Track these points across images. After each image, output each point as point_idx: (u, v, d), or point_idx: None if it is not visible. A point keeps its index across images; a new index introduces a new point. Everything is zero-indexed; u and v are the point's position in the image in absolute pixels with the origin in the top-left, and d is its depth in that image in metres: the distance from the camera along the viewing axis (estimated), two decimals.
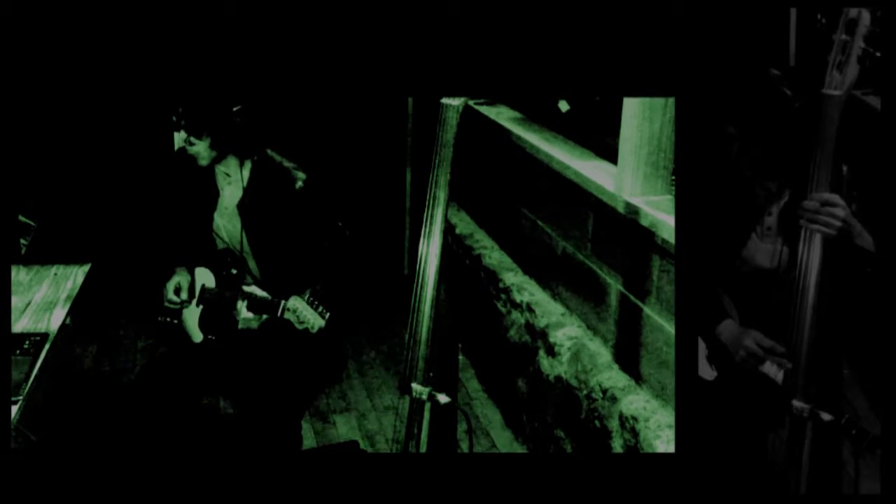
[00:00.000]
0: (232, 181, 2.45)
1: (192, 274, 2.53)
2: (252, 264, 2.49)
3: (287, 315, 2.32)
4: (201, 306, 2.50)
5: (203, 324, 2.50)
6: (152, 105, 3.72)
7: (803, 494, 1.59)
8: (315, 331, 2.30)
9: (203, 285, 2.51)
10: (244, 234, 2.44)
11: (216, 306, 2.48)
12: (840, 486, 1.66)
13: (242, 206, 2.43)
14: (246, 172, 2.44)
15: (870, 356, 1.68)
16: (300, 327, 2.32)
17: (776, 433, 1.67)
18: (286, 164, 2.49)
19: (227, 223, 2.47)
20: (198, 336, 2.51)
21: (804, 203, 1.55)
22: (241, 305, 2.40)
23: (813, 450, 1.58)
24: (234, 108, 2.36)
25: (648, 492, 1.60)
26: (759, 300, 1.77)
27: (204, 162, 2.37)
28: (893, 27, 1.48)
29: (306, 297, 2.31)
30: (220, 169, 2.45)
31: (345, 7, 1.71)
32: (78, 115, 3.65)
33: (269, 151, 2.49)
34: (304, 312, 2.30)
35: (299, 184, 2.45)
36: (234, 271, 2.49)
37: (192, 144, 2.34)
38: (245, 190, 2.43)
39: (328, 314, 2.29)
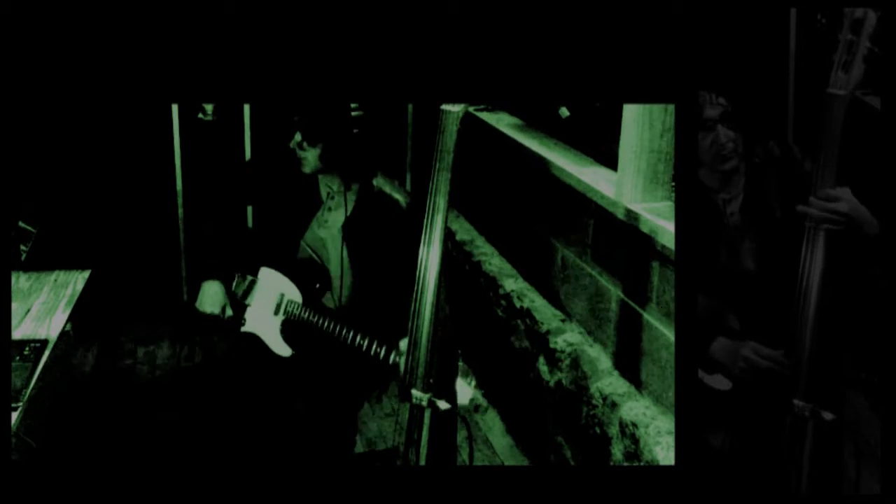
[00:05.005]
0: (335, 201, 2.41)
1: (229, 280, 2.45)
2: (338, 284, 2.42)
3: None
4: (283, 317, 2.39)
5: (288, 338, 2.39)
6: (153, 109, 3.74)
7: (803, 494, 1.59)
8: None
9: (282, 294, 2.40)
10: (345, 256, 2.39)
11: (305, 327, 2.35)
12: (840, 486, 1.65)
13: (346, 230, 2.38)
14: (352, 197, 2.40)
15: (871, 355, 1.67)
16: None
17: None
18: (392, 191, 2.42)
19: (328, 239, 2.42)
20: (285, 350, 2.39)
21: (809, 201, 1.56)
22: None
23: (813, 450, 1.58)
24: (354, 131, 2.32)
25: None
26: (756, 303, 1.77)
27: (308, 170, 2.33)
28: (893, 27, 1.48)
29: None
30: (323, 181, 2.41)
31: (345, 12, 1.72)
32: (79, 121, 3.66)
33: (376, 178, 2.43)
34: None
35: (402, 207, 2.39)
36: (318, 285, 2.41)
37: (302, 149, 2.29)
38: (349, 216, 2.38)
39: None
